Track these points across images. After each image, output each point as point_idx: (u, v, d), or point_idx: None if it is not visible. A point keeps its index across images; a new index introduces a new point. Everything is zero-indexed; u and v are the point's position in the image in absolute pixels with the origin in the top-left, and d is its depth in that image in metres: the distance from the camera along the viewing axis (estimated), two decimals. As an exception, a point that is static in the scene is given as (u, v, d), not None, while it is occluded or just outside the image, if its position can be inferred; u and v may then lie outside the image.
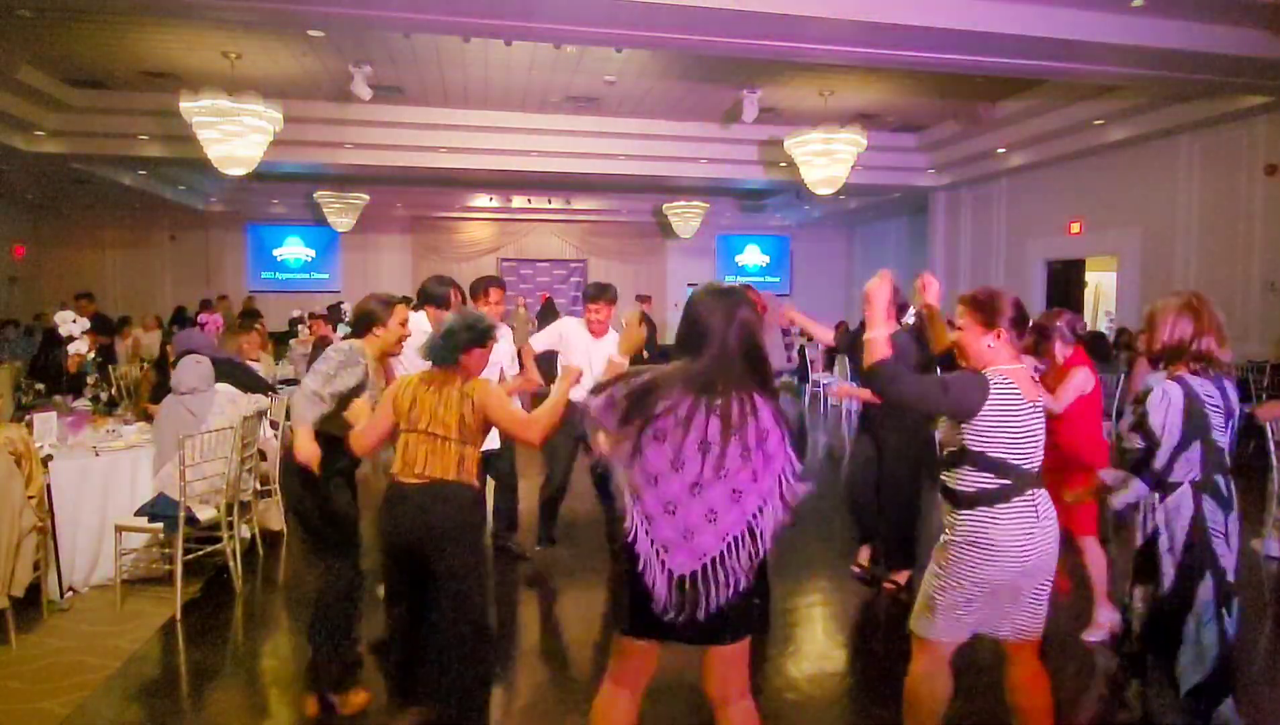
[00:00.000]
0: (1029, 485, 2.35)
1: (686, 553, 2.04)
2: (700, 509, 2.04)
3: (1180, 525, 2.63)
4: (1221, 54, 6.74)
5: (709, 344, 2.09)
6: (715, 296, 2.16)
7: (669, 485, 2.05)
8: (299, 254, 18.77)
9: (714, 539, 2.04)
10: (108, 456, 4.58)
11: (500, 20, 6.15)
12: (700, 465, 2.03)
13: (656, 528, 2.06)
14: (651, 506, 2.06)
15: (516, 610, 4.48)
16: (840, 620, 4.38)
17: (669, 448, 2.04)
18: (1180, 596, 2.63)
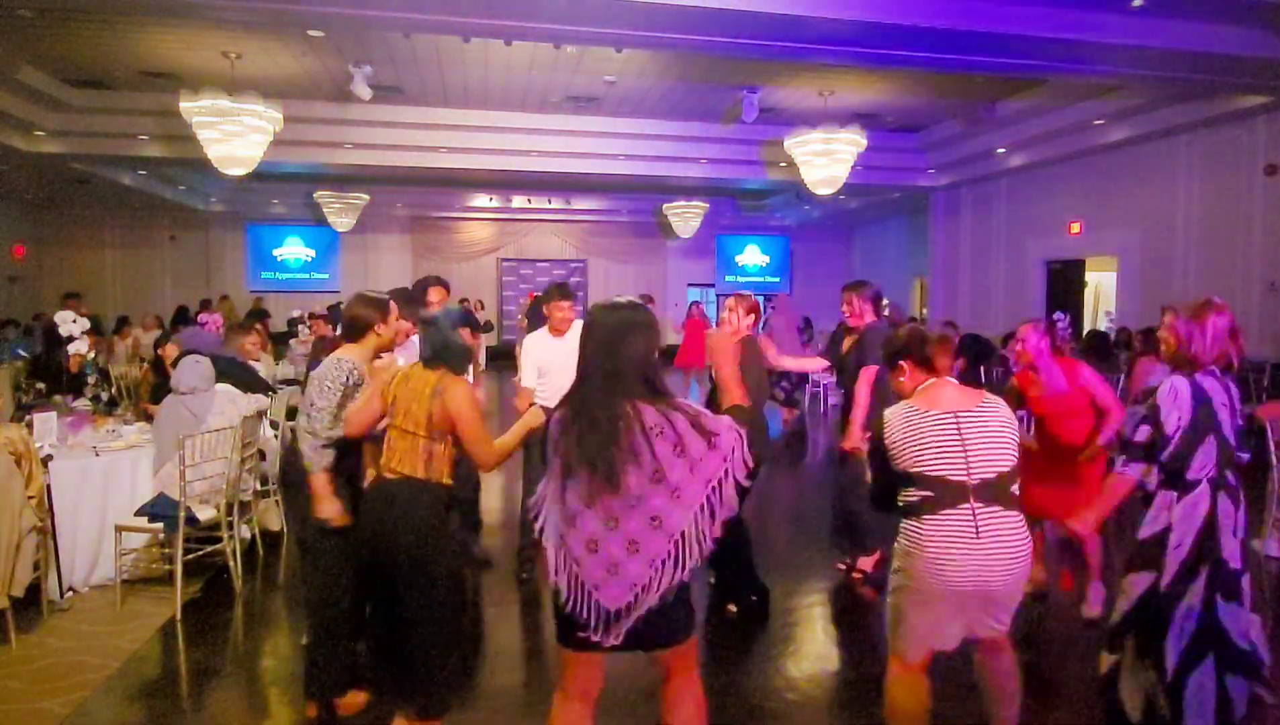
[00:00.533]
0: (960, 499, 2.34)
1: (616, 587, 2.01)
2: (620, 542, 2.01)
3: (1194, 524, 2.67)
4: (1221, 54, 6.74)
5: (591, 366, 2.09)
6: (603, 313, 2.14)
7: (585, 523, 2.03)
8: (299, 254, 18.76)
9: (641, 567, 2.01)
10: (108, 456, 4.58)
11: (500, 20, 6.15)
12: (607, 500, 2.01)
13: (585, 569, 2.03)
14: (575, 548, 2.04)
15: (491, 612, 4.48)
16: (840, 620, 4.38)
17: (580, 484, 2.03)
18: (1177, 588, 2.69)
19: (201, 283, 17.65)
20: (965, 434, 2.37)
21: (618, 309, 2.14)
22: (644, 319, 2.13)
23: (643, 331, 2.10)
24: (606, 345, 2.07)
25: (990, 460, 2.37)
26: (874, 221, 18.75)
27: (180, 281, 17.73)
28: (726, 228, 19.87)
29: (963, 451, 2.35)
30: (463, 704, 3.19)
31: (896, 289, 17.95)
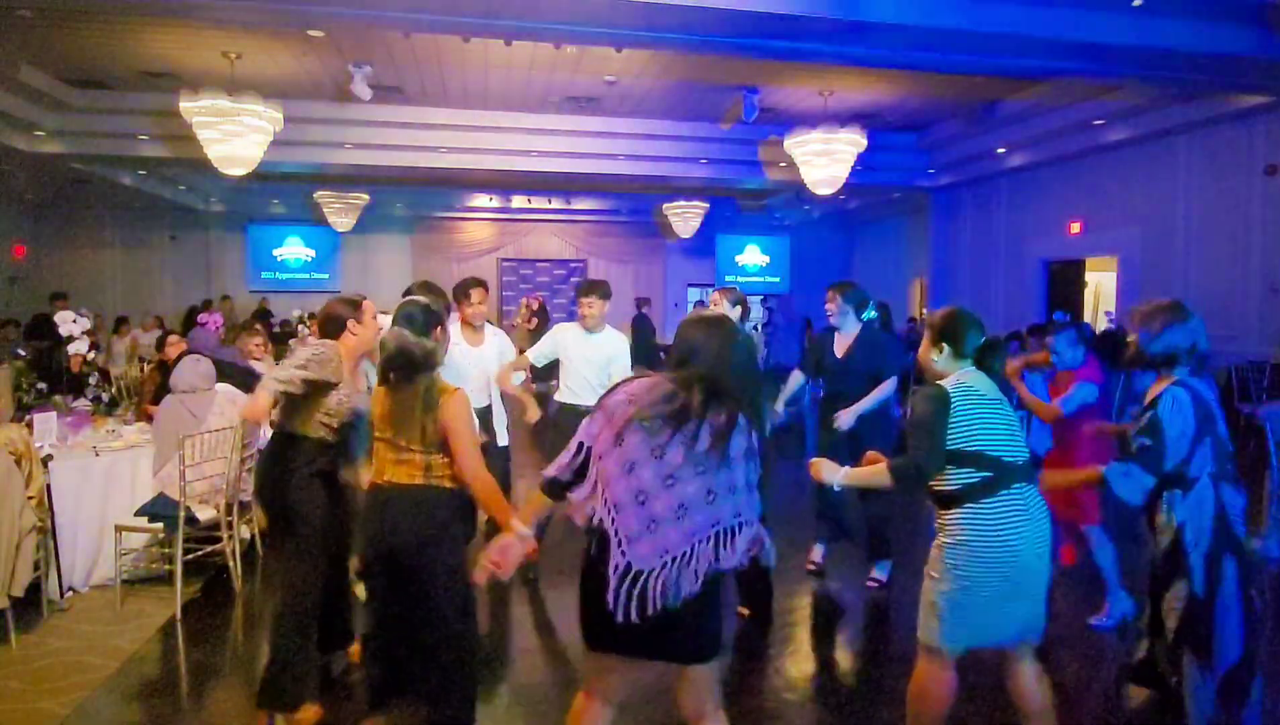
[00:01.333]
0: (1014, 479, 2.43)
1: (648, 545, 2.01)
2: (670, 502, 2.03)
3: (1204, 520, 2.69)
4: (1221, 54, 6.74)
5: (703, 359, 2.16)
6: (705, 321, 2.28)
7: (643, 473, 2.04)
8: (299, 254, 18.76)
9: (679, 536, 2.02)
10: (108, 456, 4.58)
11: (500, 20, 6.15)
12: (680, 458, 2.05)
13: (623, 516, 2.04)
14: (620, 494, 2.05)
15: (512, 611, 4.48)
16: (840, 620, 4.39)
17: (651, 437, 2.06)
18: (1209, 586, 2.67)
19: (201, 283, 17.65)
20: (1008, 418, 2.50)
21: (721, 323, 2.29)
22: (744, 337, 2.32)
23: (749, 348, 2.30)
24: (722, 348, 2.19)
25: (1021, 443, 2.51)
26: (874, 221, 18.75)
27: (180, 281, 17.72)
28: (726, 228, 19.87)
29: (1011, 433, 2.49)
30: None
31: (896, 289, 17.95)
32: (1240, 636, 2.65)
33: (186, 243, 18.00)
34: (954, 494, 2.47)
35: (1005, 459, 2.44)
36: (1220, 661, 2.66)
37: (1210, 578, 2.67)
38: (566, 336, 4.68)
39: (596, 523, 2.07)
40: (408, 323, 2.74)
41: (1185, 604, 2.69)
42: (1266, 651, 3.02)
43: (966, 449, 2.44)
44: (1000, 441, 2.45)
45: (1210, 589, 2.66)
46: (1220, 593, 2.65)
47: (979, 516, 2.42)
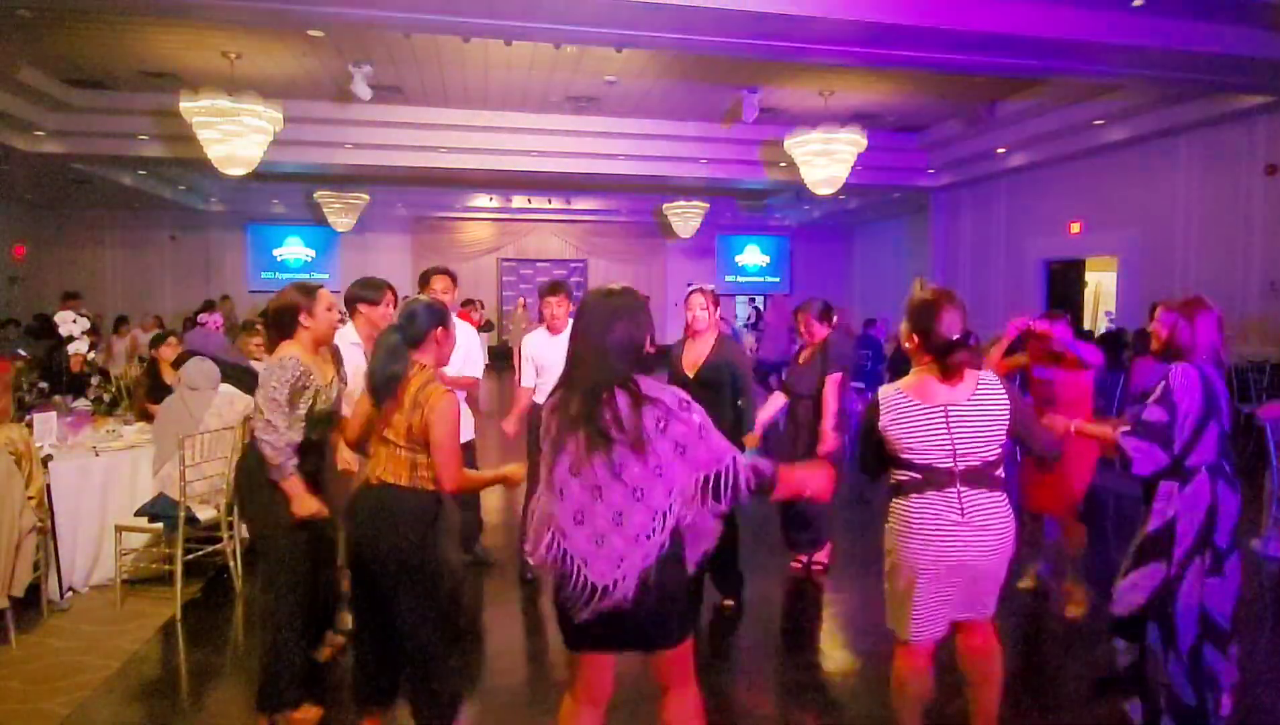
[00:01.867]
0: (947, 483, 2.44)
1: (604, 561, 2.05)
2: (605, 512, 2.06)
3: (1198, 514, 2.75)
4: (1221, 54, 6.74)
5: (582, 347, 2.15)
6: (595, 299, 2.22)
7: (572, 494, 2.08)
8: (299, 254, 18.77)
9: (624, 542, 2.05)
10: (108, 456, 4.58)
11: (500, 20, 6.15)
12: (597, 468, 2.06)
13: (572, 541, 2.08)
14: (564, 520, 2.09)
15: (508, 610, 4.49)
16: (840, 620, 4.39)
17: (567, 455, 2.09)
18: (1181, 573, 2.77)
19: (201, 283, 17.65)
20: (953, 427, 2.45)
21: (610, 295, 2.22)
22: (634, 303, 2.21)
23: (633, 314, 2.17)
24: (598, 327, 2.14)
25: (976, 450, 2.46)
26: (874, 221, 18.75)
27: (180, 281, 17.73)
28: (726, 228, 19.87)
29: (950, 442, 2.45)
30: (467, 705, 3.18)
31: (896, 289, 17.94)
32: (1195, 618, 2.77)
33: (186, 243, 18.00)
34: (892, 486, 2.57)
35: (937, 465, 2.45)
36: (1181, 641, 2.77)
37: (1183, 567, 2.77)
38: (535, 344, 4.57)
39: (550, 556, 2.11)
40: (408, 320, 2.71)
41: (1159, 586, 2.79)
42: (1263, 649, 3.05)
43: (898, 455, 2.50)
44: (930, 447, 2.45)
45: (1181, 576, 2.77)
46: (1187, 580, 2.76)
47: (903, 512, 2.51)
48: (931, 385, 2.50)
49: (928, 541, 2.44)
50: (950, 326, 2.46)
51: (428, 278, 4.45)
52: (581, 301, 2.27)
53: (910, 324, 2.58)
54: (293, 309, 3.07)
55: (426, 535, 2.70)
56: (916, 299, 2.59)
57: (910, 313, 2.58)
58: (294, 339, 3.08)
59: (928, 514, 2.45)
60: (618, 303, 2.18)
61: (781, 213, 19.16)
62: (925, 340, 2.51)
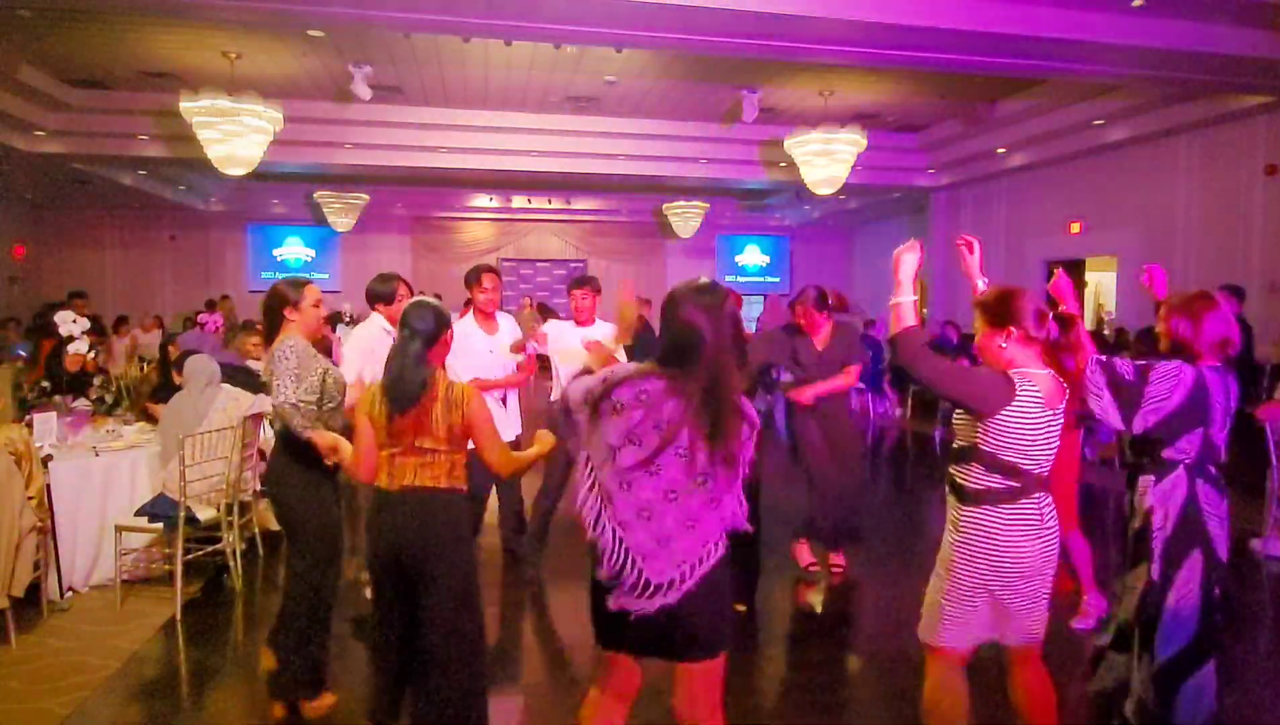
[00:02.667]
0: (1036, 489, 2.35)
1: (665, 560, 1.99)
2: (677, 515, 1.99)
3: (1174, 507, 2.68)
4: (1221, 54, 6.74)
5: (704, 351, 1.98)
6: (702, 295, 2.05)
7: (642, 489, 1.99)
8: (299, 254, 18.76)
9: (693, 545, 1.99)
10: (108, 456, 4.58)
11: (500, 20, 6.15)
12: (677, 471, 1.98)
13: (631, 534, 1.99)
14: (625, 513, 1.99)
15: (516, 611, 4.49)
16: (841, 620, 4.39)
17: (644, 450, 1.97)
18: (1166, 572, 2.69)
19: (201, 283, 17.65)
20: (1053, 431, 2.36)
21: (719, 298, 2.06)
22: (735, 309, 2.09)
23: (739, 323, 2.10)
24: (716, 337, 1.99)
25: (1053, 454, 2.39)
26: (874, 221, 18.75)
27: (180, 281, 17.73)
28: (726, 228, 19.86)
29: (1049, 447, 2.36)
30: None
31: (896, 289, 17.93)
32: (1191, 630, 2.66)
33: (186, 243, 18.00)
34: (975, 493, 2.38)
35: (1035, 472, 2.35)
36: (1161, 649, 2.68)
37: (1167, 564, 2.68)
38: (560, 335, 4.69)
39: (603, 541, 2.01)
40: (420, 326, 2.66)
41: (1144, 586, 2.73)
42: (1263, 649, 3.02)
43: (1001, 457, 2.33)
44: (1037, 455, 2.34)
45: (1166, 575, 2.68)
46: (1177, 582, 2.67)
47: (994, 522, 2.35)
48: (1052, 386, 2.35)
49: (1012, 557, 2.32)
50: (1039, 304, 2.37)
51: (478, 275, 4.56)
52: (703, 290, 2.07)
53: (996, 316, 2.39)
54: (280, 303, 3.11)
55: (462, 537, 2.72)
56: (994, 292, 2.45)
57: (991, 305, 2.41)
58: (283, 332, 3.11)
59: (1020, 526, 2.32)
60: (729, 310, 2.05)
61: (781, 213, 19.16)
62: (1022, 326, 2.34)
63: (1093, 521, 5.84)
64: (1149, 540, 2.71)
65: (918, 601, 2.58)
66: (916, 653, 2.66)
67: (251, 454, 4.65)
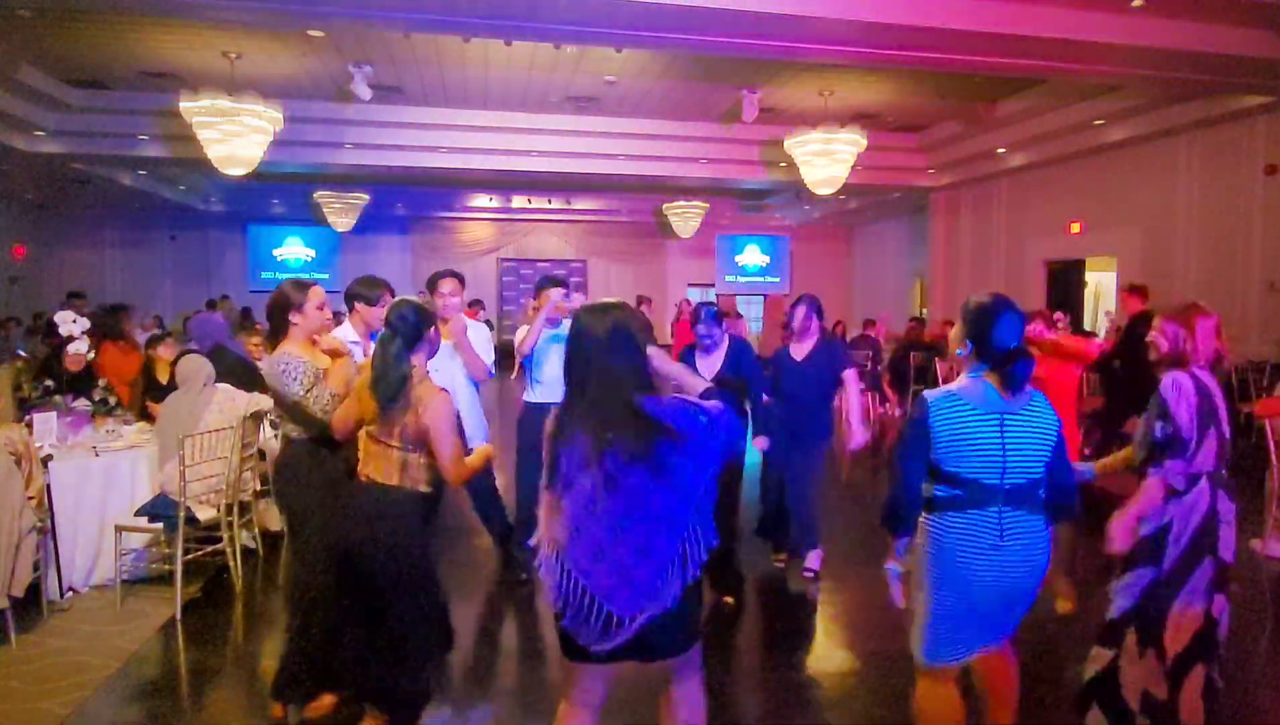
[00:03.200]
0: (991, 502, 2.31)
1: (628, 594, 1.98)
2: (628, 546, 1.98)
3: (1195, 520, 2.70)
4: (1221, 54, 6.74)
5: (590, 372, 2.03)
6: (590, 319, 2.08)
7: (591, 531, 1.99)
8: (299, 254, 18.77)
9: (651, 571, 1.98)
10: (108, 456, 4.58)
11: (500, 20, 6.15)
12: (613, 500, 1.97)
13: (593, 579, 1.98)
14: (581, 559, 1.99)
15: (502, 613, 4.49)
16: (840, 620, 4.39)
17: (580, 492, 1.99)
18: (1177, 577, 2.70)
19: (202, 283, 17.66)
20: (1007, 437, 2.31)
21: (607, 312, 2.10)
22: (634, 321, 2.10)
23: (635, 334, 2.08)
24: (600, 351, 2.03)
25: (1024, 466, 2.33)
26: (874, 221, 18.76)
27: (180, 281, 17.74)
28: (726, 228, 19.87)
29: (1001, 455, 2.31)
30: (456, 706, 3.19)
31: (896, 289, 17.96)
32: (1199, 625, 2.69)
33: (186, 243, 18.01)
34: (930, 502, 2.40)
35: (984, 481, 2.30)
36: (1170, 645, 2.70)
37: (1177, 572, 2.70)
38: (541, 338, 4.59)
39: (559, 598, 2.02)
40: (402, 321, 2.70)
41: (1146, 589, 2.73)
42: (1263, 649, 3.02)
43: (941, 467, 2.34)
44: (978, 461, 2.30)
45: (1176, 578, 2.69)
46: (1188, 586, 2.69)
47: (941, 530, 2.36)
48: (987, 391, 2.35)
49: (962, 565, 2.31)
50: (1010, 333, 2.32)
51: (435, 281, 4.43)
52: (575, 324, 2.10)
53: (966, 329, 2.40)
54: (284, 305, 3.11)
55: (419, 533, 2.73)
56: (974, 303, 2.43)
57: (967, 317, 2.41)
58: (287, 336, 3.11)
59: (966, 535, 2.32)
60: (618, 321, 2.07)
61: (781, 213, 19.17)
62: (982, 348, 2.35)
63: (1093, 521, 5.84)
64: (1160, 549, 2.72)
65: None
66: (901, 652, 2.66)
67: (252, 454, 4.65)
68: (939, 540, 2.37)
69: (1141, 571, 2.76)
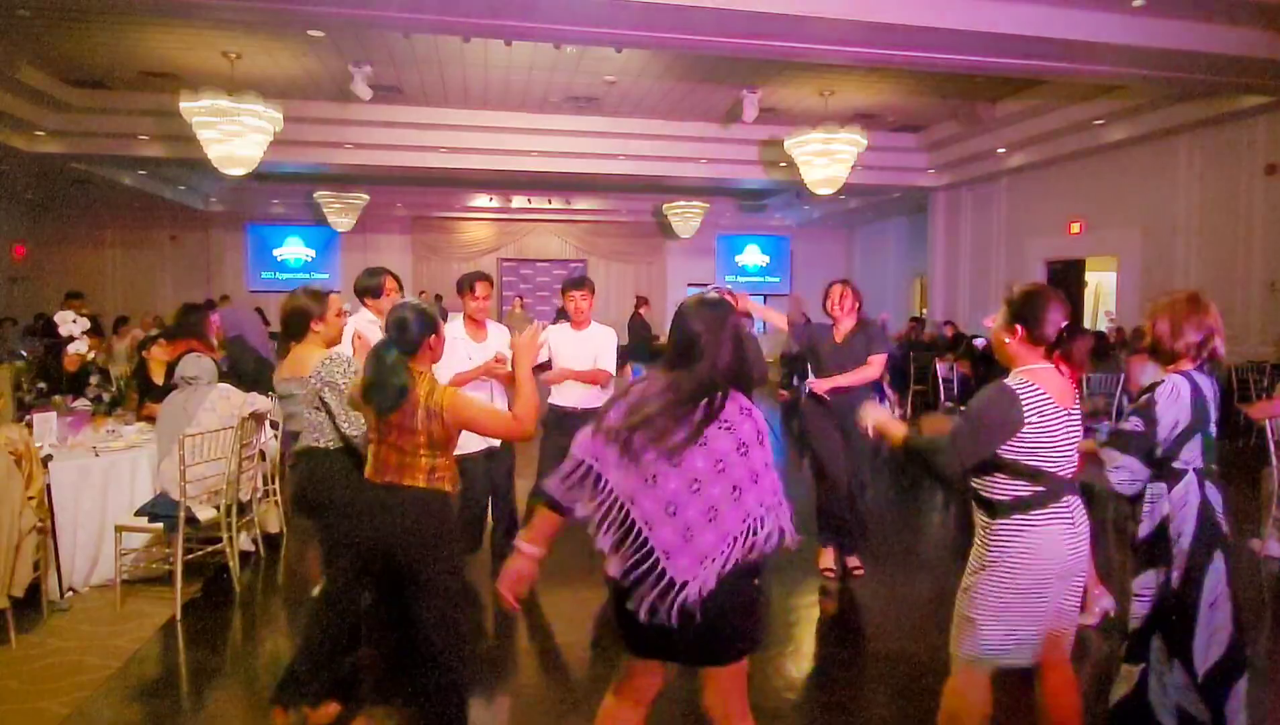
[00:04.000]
0: (1064, 492, 2.34)
1: (689, 556, 2.00)
2: (700, 506, 2.01)
3: (1188, 513, 2.68)
4: (1221, 54, 6.74)
5: (704, 354, 2.08)
6: (705, 308, 2.16)
7: (667, 483, 2.02)
8: (299, 254, 18.77)
9: (716, 538, 2.01)
10: (108, 456, 4.58)
11: (500, 20, 6.15)
12: (699, 461, 2.02)
13: (657, 532, 2.01)
14: (650, 510, 2.02)
15: (509, 614, 4.48)
16: (840, 620, 4.38)
17: (667, 441, 2.02)
18: (1191, 580, 2.66)
19: (202, 283, 17.66)
20: (1071, 429, 2.36)
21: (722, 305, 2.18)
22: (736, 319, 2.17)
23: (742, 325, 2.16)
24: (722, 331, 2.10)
25: (1077, 454, 2.40)
26: (874, 221, 18.76)
27: (180, 281, 17.73)
28: (726, 228, 19.88)
29: (1072, 447, 2.36)
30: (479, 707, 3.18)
31: (896, 289, 17.96)
32: (1230, 633, 2.64)
33: (186, 243, 18.01)
34: (1003, 504, 2.35)
35: (1060, 473, 2.33)
36: (1201, 657, 2.65)
37: (1191, 571, 2.66)
38: (554, 337, 4.64)
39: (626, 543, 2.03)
40: (399, 330, 2.66)
41: (1159, 592, 2.71)
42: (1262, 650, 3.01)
43: (1023, 462, 2.31)
44: (1060, 455, 2.33)
45: (1191, 583, 2.65)
46: (1207, 589, 2.64)
47: (1030, 529, 2.32)
48: (1059, 383, 2.34)
49: (1050, 562, 2.30)
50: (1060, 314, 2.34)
51: (471, 284, 4.46)
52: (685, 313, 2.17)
53: (1014, 314, 2.39)
54: (304, 314, 3.16)
55: (442, 536, 2.73)
56: (1021, 289, 2.45)
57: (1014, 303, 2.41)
58: (305, 342, 3.14)
59: (1050, 531, 2.30)
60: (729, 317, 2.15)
61: (781, 213, 19.17)
62: (1035, 330, 2.35)
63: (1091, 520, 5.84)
64: (1165, 547, 2.69)
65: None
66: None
67: (253, 455, 4.64)
68: (1027, 542, 2.32)
69: (1151, 574, 2.74)
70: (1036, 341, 2.35)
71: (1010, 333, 2.39)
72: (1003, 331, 2.43)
